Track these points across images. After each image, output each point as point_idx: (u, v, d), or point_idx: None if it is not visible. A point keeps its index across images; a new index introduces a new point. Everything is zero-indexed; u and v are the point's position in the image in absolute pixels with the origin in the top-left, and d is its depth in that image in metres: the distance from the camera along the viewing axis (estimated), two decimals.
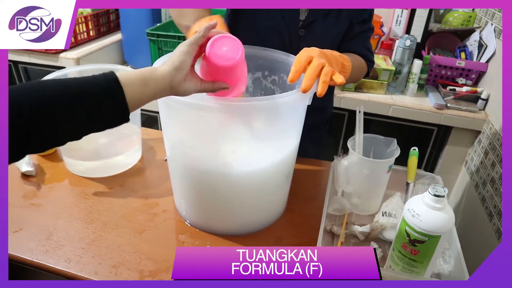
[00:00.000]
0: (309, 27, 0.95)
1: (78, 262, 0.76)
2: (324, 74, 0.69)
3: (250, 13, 0.96)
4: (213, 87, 0.65)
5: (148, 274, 0.74)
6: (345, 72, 0.83)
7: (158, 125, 1.90)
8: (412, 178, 0.92)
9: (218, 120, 0.75)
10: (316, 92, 0.68)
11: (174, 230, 0.86)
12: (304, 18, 0.95)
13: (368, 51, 1.01)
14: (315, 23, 0.95)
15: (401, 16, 1.86)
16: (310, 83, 0.68)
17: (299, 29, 0.95)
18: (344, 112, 1.78)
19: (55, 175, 0.99)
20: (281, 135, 0.79)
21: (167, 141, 0.84)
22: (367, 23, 1.00)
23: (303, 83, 0.68)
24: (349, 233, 0.84)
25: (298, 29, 0.95)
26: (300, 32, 0.96)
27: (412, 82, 1.73)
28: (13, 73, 2.07)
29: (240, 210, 0.83)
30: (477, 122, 1.61)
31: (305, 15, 0.94)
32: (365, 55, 1.00)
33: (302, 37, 0.96)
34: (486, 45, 1.69)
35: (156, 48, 1.88)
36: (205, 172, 0.78)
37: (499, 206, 1.35)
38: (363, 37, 1.01)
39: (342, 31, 0.98)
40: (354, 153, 0.86)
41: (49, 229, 0.83)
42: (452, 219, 0.66)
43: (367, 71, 1.03)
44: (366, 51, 1.01)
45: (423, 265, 0.69)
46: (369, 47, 1.02)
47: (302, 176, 1.03)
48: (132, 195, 0.96)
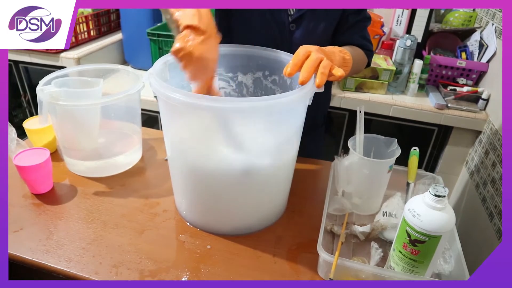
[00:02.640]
0: (299, 21, 0.95)
1: (78, 261, 0.76)
2: (322, 67, 0.69)
3: (240, 11, 0.96)
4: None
5: (149, 274, 0.74)
6: (347, 66, 0.83)
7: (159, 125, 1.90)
8: (413, 178, 0.92)
9: (218, 120, 0.75)
10: (315, 83, 0.69)
11: (174, 230, 0.86)
12: (293, 13, 0.95)
13: (366, 40, 1.01)
14: (304, 16, 0.95)
15: (402, 16, 1.86)
16: (308, 75, 0.68)
17: (289, 23, 0.96)
18: (345, 112, 1.77)
19: (56, 175, 0.99)
20: (281, 135, 0.79)
21: (167, 141, 0.84)
22: (362, 12, 0.99)
23: (301, 74, 0.68)
24: (349, 233, 0.84)
25: (288, 24, 0.96)
26: (290, 27, 0.96)
27: (412, 82, 1.73)
28: (13, 72, 2.07)
29: (240, 210, 0.83)
30: (477, 122, 1.61)
31: (294, 10, 0.94)
32: (363, 44, 1.00)
33: (293, 32, 0.96)
34: (487, 45, 1.69)
35: (157, 48, 1.88)
36: (205, 172, 0.78)
37: (499, 206, 1.35)
38: (360, 27, 1.00)
39: (333, 22, 0.98)
40: (355, 153, 0.86)
41: (49, 229, 0.83)
42: (452, 219, 0.66)
43: (368, 61, 1.02)
44: (364, 41, 1.00)
45: (424, 265, 0.69)
46: (366, 37, 1.02)
47: (302, 176, 1.03)
48: (133, 195, 0.96)
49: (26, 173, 0.89)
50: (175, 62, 0.86)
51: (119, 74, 1.11)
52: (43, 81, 0.92)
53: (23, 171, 0.89)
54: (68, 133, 1.00)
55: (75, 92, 0.95)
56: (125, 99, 0.94)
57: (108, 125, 1.07)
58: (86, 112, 0.98)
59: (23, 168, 0.88)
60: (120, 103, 0.97)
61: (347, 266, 0.71)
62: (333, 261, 0.70)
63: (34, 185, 0.92)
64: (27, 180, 0.92)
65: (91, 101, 0.94)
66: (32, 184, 0.92)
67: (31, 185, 0.93)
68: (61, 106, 0.91)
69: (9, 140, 0.92)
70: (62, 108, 0.93)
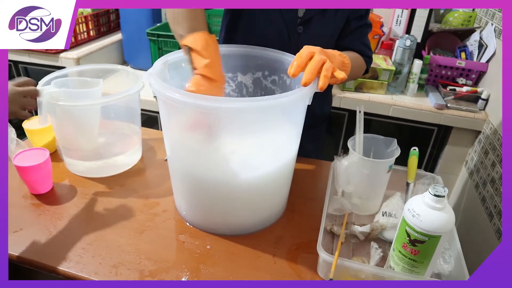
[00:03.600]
0: (307, 24, 0.95)
1: (78, 262, 0.76)
2: (325, 69, 0.70)
3: (249, 12, 0.96)
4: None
5: (148, 274, 0.74)
6: (345, 70, 0.83)
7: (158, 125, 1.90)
8: (412, 178, 0.92)
9: (217, 120, 0.75)
10: (318, 86, 0.69)
11: (174, 230, 0.86)
12: (302, 15, 0.95)
13: (365, 47, 1.01)
14: (313, 20, 0.95)
15: (401, 16, 1.86)
16: (311, 77, 0.69)
17: (297, 26, 0.96)
18: (344, 112, 1.77)
19: (55, 175, 0.99)
20: (281, 135, 0.79)
21: (167, 141, 0.84)
22: (363, 18, 1.00)
23: (304, 76, 0.69)
24: (349, 233, 0.84)
25: (297, 26, 0.96)
26: (298, 29, 0.96)
27: (412, 82, 1.73)
28: (13, 73, 2.07)
29: (240, 210, 0.83)
30: (477, 122, 1.61)
31: (303, 12, 0.94)
32: (363, 51, 1.00)
33: (300, 34, 0.97)
34: (486, 45, 1.69)
35: (156, 48, 1.88)
36: (205, 172, 0.78)
37: (499, 206, 1.35)
38: (360, 33, 1.01)
39: (340, 27, 0.98)
40: (354, 153, 0.86)
41: (49, 229, 0.83)
42: (452, 219, 0.66)
43: (366, 67, 1.03)
44: (363, 47, 1.01)
45: (423, 265, 0.69)
46: (366, 43, 1.02)
47: (302, 176, 1.03)
48: (132, 195, 0.96)
49: (26, 173, 0.89)
50: (174, 62, 0.87)
51: (118, 74, 1.11)
52: (42, 81, 0.92)
53: (23, 171, 0.88)
54: (68, 133, 1.00)
55: (75, 92, 0.95)
56: (125, 99, 0.94)
57: (108, 125, 1.07)
58: (85, 112, 0.98)
59: (22, 169, 0.88)
60: (120, 103, 0.97)
61: (347, 266, 0.71)
62: (333, 261, 0.70)
63: (34, 185, 0.92)
64: (26, 181, 0.92)
65: (91, 101, 0.94)
66: (31, 185, 0.92)
67: (30, 185, 0.93)
68: (61, 106, 0.91)
69: (9, 140, 0.92)
70: (61, 108, 0.93)
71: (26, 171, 0.89)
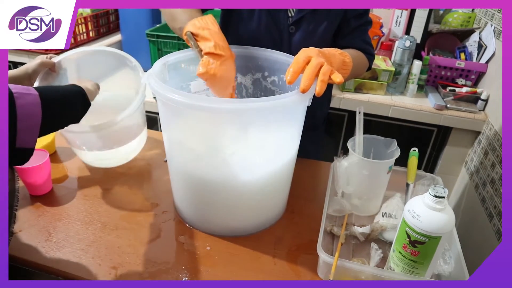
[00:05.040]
0: (298, 23, 0.95)
1: (78, 263, 0.76)
2: (322, 74, 0.69)
3: (240, 13, 0.96)
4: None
5: (148, 276, 0.74)
6: (346, 69, 0.83)
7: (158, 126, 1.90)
8: (412, 179, 0.92)
9: (217, 121, 0.74)
10: (315, 91, 0.69)
11: (174, 231, 0.86)
12: (293, 15, 0.95)
13: (367, 44, 1.01)
14: (304, 19, 0.95)
15: (401, 17, 1.86)
16: (309, 83, 0.68)
17: (288, 26, 0.95)
18: (344, 113, 1.77)
19: (55, 177, 0.99)
20: (281, 136, 0.79)
21: (167, 142, 0.84)
22: (363, 16, 0.99)
23: (302, 83, 0.68)
24: (349, 234, 0.84)
25: (288, 26, 0.95)
26: (290, 29, 0.96)
27: (411, 83, 1.73)
28: None
29: (240, 211, 0.83)
30: (477, 123, 1.61)
31: (293, 12, 0.94)
32: (365, 48, 1.00)
33: (292, 34, 0.96)
34: (486, 45, 1.69)
35: (156, 49, 1.88)
36: (204, 173, 0.78)
37: (499, 206, 1.35)
38: (361, 31, 1.00)
39: (333, 25, 0.98)
40: (354, 154, 0.86)
41: (48, 230, 0.83)
42: (452, 220, 0.66)
43: (369, 65, 1.02)
44: (365, 45, 1.00)
45: (424, 266, 0.69)
46: (368, 41, 1.02)
47: (302, 177, 1.03)
48: (132, 196, 0.96)
49: (25, 175, 0.89)
50: (174, 63, 0.87)
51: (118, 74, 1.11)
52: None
53: (22, 172, 0.88)
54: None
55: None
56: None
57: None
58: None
59: (22, 170, 0.88)
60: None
61: (347, 267, 0.71)
62: (333, 262, 0.70)
63: (33, 186, 0.92)
64: (26, 182, 0.91)
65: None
66: (31, 186, 0.92)
67: (30, 186, 0.92)
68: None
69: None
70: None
71: (26, 173, 0.88)
